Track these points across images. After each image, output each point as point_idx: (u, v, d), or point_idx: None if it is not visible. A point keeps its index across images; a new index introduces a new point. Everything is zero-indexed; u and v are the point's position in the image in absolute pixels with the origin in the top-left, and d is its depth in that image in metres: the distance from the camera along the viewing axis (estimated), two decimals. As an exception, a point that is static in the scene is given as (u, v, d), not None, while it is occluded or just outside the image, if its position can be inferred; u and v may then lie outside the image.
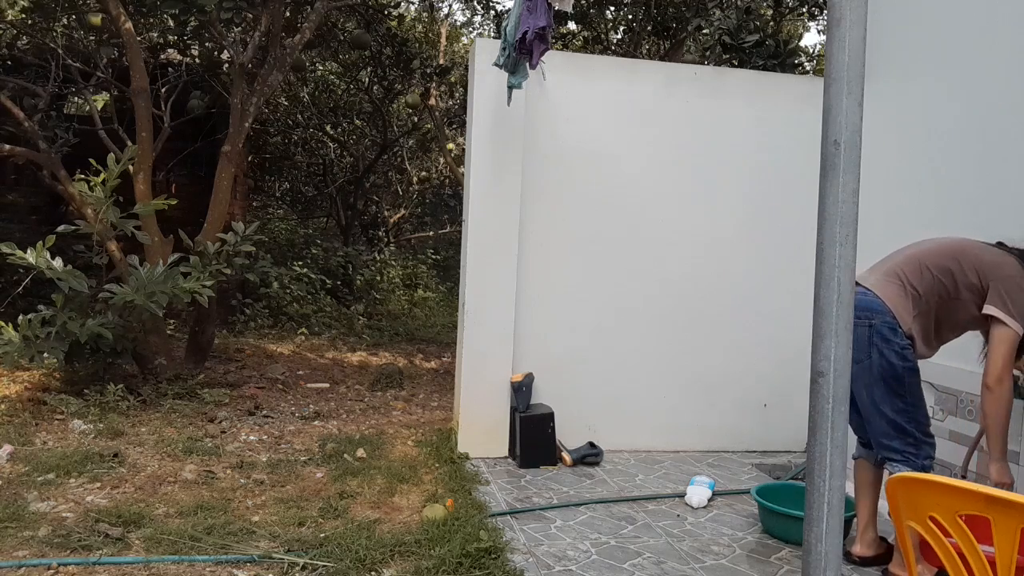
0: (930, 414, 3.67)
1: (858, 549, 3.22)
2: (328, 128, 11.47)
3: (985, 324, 2.93)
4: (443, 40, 11.94)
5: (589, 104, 4.66)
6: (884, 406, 2.96)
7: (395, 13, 9.84)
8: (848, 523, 3.38)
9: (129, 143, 5.79)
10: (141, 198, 5.69)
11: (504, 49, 4.00)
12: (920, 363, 3.06)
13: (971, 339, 3.62)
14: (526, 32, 3.69)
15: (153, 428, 4.70)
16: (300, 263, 9.56)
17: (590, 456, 4.51)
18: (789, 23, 10.37)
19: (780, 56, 6.13)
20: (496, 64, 4.15)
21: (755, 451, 4.91)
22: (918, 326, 2.99)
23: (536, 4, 3.66)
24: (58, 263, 4.98)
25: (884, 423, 2.97)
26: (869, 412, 3.03)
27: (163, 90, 6.84)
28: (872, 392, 2.98)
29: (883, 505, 3.72)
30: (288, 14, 6.98)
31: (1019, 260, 2.94)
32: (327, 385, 6.31)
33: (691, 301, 4.81)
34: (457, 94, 11.28)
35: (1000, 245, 3.03)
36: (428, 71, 9.99)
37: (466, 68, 6.22)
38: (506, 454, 4.57)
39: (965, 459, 3.43)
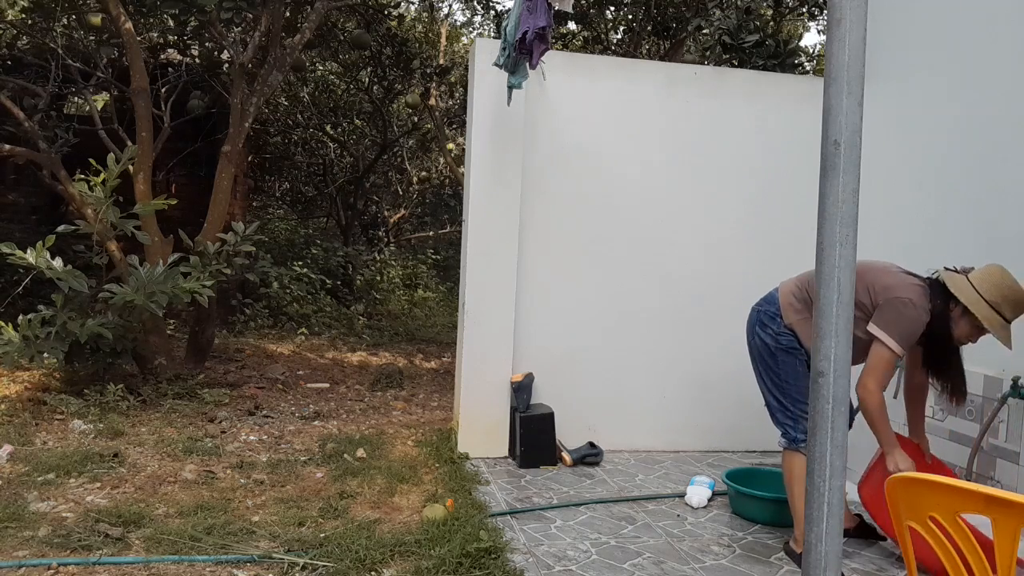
0: (930, 414, 3.69)
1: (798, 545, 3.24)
2: (328, 128, 11.47)
3: (869, 344, 3.05)
4: (443, 40, 11.93)
5: (589, 104, 4.66)
6: (766, 380, 3.35)
7: (395, 13, 9.83)
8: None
9: (129, 143, 5.80)
10: (141, 198, 5.69)
11: (504, 49, 4.00)
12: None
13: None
14: (526, 32, 3.69)
15: (153, 428, 4.70)
16: (300, 263, 9.56)
17: (590, 456, 4.51)
18: (789, 23, 10.37)
19: (780, 56, 6.13)
20: (496, 64, 4.15)
21: (755, 451, 4.91)
22: (803, 328, 3.22)
23: (536, 4, 3.65)
24: (58, 263, 4.98)
25: (769, 397, 3.35)
26: (760, 389, 3.41)
27: (163, 90, 6.85)
28: (758, 369, 3.40)
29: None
30: (288, 14, 6.98)
31: (925, 287, 3.02)
32: (327, 385, 6.31)
33: (691, 301, 4.81)
34: (457, 94, 11.28)
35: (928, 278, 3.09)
36: (428, 71, 9.99)
37: (466, 68, 6.22)
38: (506, 454, 4.57)
39: (969, 460, 3.44)
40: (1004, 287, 2.91)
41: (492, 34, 10.14)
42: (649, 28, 9.17)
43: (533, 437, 4.40)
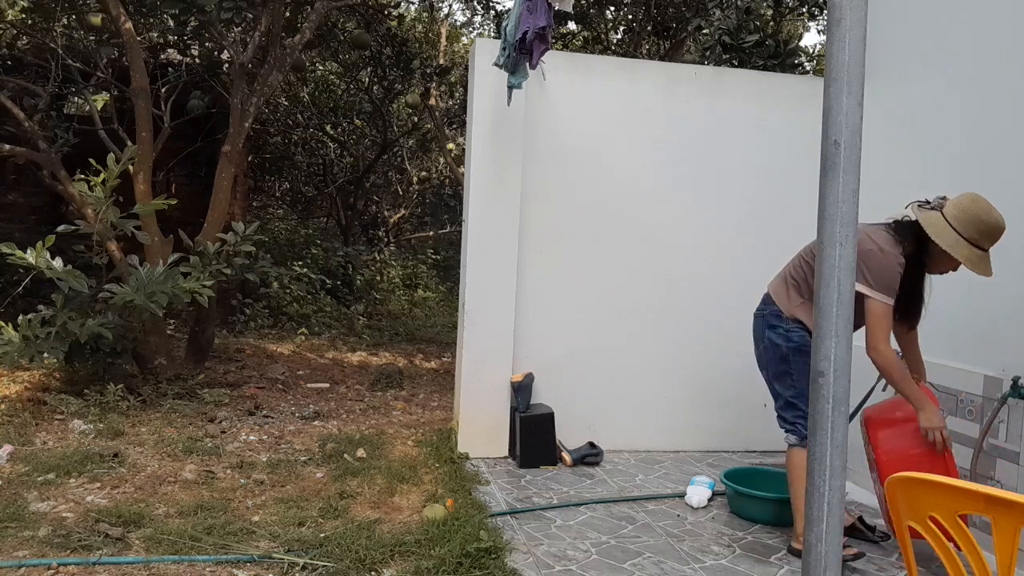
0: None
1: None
2: (328, 128, 11.47)
3: (861, 302, 3.10)
4: (443, 40, 11.94)
5: (589, 104, 4.66)
6: (777, 384, 3.38)
7: (395, 13, 9.83)
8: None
9: (129, 143, 5.79)
10: (141, 198, 5.69)
11: (504, 49, 4.00)
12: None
13: (970, 339, 3.62)
14: (526, 32, 3.69)
15: (153, 428, 4.70)
16: (300, 263, 9.56)
17: (590, 456, 4.51)
18: (789, 23, 10.36)
19: (780, 56, 6.13)
20: (496, 64, 4.15)
21: (755, 451, 4.91)
22: (805, 312, 3.26)
23: (536, 4, 3.65)
24: (58, 263, 4.98)
25: (780, 399, 3.37)
26: (771, 391, 3.44)
27: (163, 90, 6.84)
28: (769, 372, 3.43)
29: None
30: (288, 14, 6.98)
31: (889, 231, 3.12)
32: (327, 385, 6.31)
33: (691, 301, 4.81)
34: (457, 94, 11.29)
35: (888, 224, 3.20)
36: (428, 71, 9.99)
37: (466, 68, 6.22)
38: (506, 454, 4.57)
39: (972, 461, 3.44)
40: (979, 221, 2.95)
41: (492, 34, 10.14)
42: (649, 28, 9.17)
43: (533, 437, 4.40)
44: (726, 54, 6.33)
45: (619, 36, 10.18)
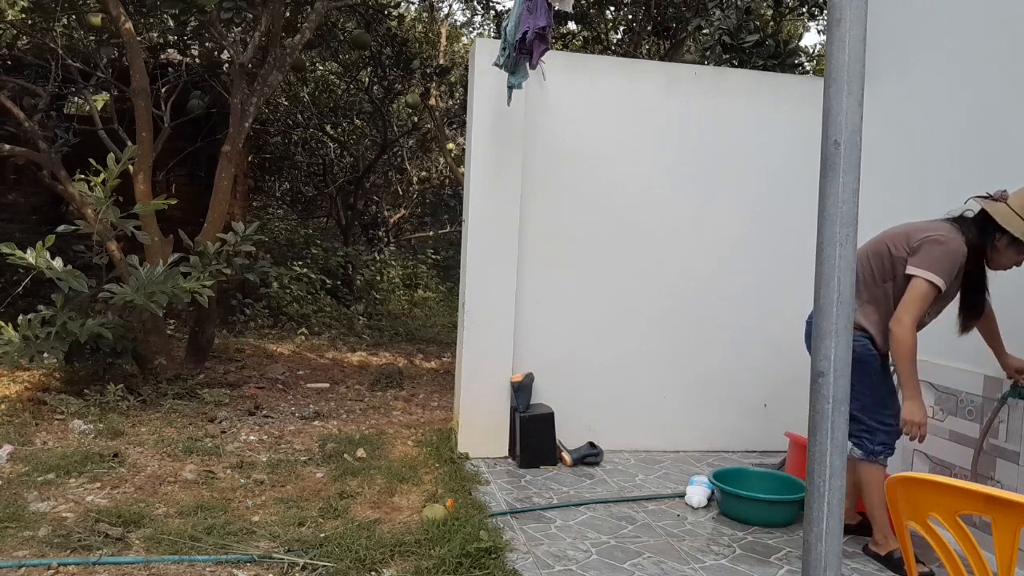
0: (930, 414, 3.69)
1: None
2: (328, 128, 11.47)
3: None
4: (443, 40, 11.95)
5: (589, 104, 4.66)
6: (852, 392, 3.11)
7: (395, 13, 9.84)
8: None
9: (129, 143, 5.79)
10: (141, 198, 5.69)
11: (504, 49, 4.00)
12: (921, 363, 3.12)
13: (970, 339, 3.61)
14: (526, 32, 3.69)
15: (153, 428, 4.71)
16: (300, 263, 9.56)
17: (590, 456, 4.51)
18: (789, 23, 10.37)
19: (780, 56, 6.13)
20: (496, 64, 4.15)
21: (755, 451, 4.91)
22: (870, 311, 3.20)
23: (536, 4, 3.66)
24: (58, 263, 4.98)
25: (851, 409, 3.10)
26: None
27: (163, 90, 6.84)
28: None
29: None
30: (288, 14, 6.98)
31: (952, 223, 3.13)
32: (327, 385, 6.31)
33: (691, 301, 4.81)
34: (457, 94, 11.29)
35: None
36: (428, 71, 9.99)
37: (466, 68, 6.22)
38: (506, 454, 4.57)
39: (973, 461, 3.44)
40: None
41: (492, 34, 10.15)
42: (649, 28, 9.18)
43: (533, 437, 4.40)
44: (726, 54, 6.33)
45: (619, 36, 10.18)
